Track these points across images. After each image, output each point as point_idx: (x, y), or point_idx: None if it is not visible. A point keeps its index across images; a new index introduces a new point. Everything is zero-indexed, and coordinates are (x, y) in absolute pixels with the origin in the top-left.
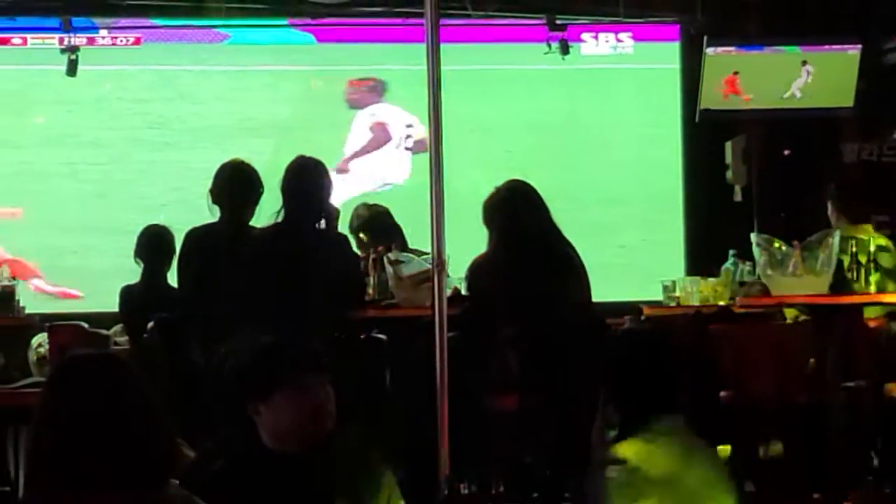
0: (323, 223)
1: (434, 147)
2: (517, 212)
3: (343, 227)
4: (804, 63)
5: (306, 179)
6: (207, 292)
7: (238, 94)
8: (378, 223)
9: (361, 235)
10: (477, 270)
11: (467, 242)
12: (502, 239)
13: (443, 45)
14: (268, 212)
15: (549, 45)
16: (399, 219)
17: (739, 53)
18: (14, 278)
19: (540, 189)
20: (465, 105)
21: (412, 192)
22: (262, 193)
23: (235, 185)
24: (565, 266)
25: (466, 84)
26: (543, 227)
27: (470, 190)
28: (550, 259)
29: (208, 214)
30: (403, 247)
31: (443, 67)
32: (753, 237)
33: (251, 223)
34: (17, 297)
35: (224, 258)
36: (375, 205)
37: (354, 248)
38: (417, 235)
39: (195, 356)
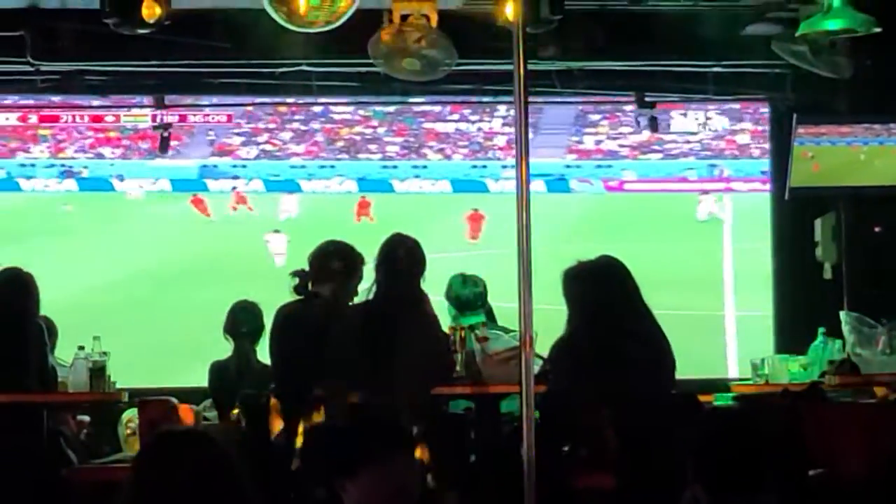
0: (412, 301)
1: (523, 228)
2: (601, 288)
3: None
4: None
5: (400, 258)
6: (296, 369)
7: None
8: (468, 297)
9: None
10: (559, 352)
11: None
12: (583, 317)
13: None
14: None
15: (638, 122)
16: None
17: (829, 132)
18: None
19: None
20: None
21: None
22: (354, 271)
23: (330, 263)
24: (651, 345)
25: None
26: (627, 304)
27: None
28: (633, 338)
29: None
30: (491, 321)
31: None
32: (842, 315)
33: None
34: (107, 372)
35: (313, 336)
36: (472, 276)
37: (443, 326)
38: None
39: (277, 434)
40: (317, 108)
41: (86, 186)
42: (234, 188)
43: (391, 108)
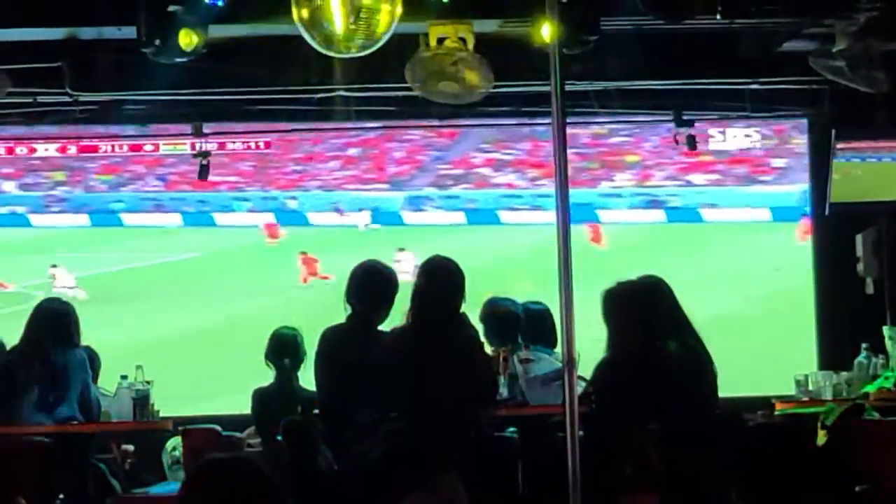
0: (453, 324)
1: (563, 250)
2: (642, 308)
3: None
4: None
5: (439, 280)
6: (339, 394)
7: None
8: (503, 322)
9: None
10: (602, 373)
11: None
12: (623, 337)
13: None
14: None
15: (676, 140)
16: None
17: (868, 147)
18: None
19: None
20: None
21: None
22: (394, 294)
23: (367, 285)
24: (693, 364)
25: None
26: (668, 323)
27: None
28: (674, 357)
29: None
30: (535, 342)
31: None
32: (886, 330)
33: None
34: (151, 401)
35: (352, 360)
36: (504, 300)
37: (486, 348)
38: None
39: (321, 459)
40: None
41: (675, 217)
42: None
43: None
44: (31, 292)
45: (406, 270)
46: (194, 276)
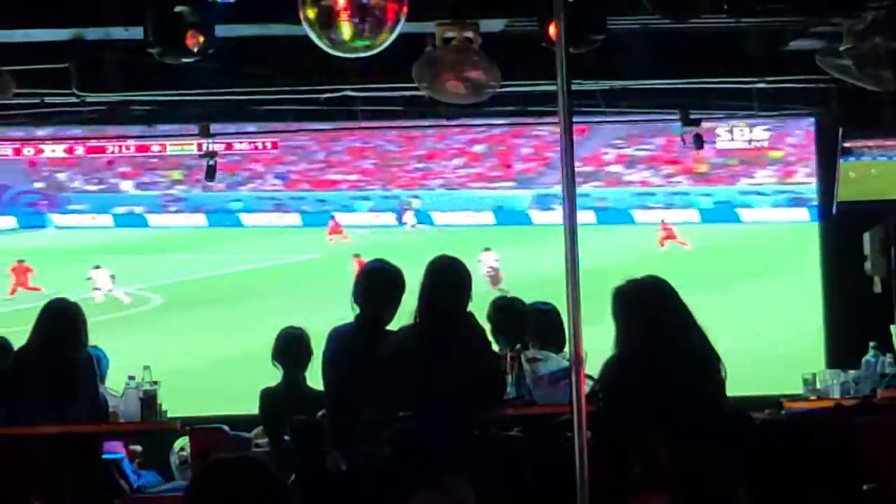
0: (461, 323)
1: (569, 244)
2: (648, 307)
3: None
4: None
5: (446, 279)
6: (345, 394)
7: None
8: (511, 321)
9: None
10: (609, 371)
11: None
12: (632, 335)
13: None
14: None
15: (683, 140)
16: None
17: (876, 145)
18: None
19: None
20: None
21: None
22: (401, 294)
23: (374, 285)
24: (700, 362)
25: None
26: (675, 321)
27: None
28: (682, 355)
29: None
30: (544, 342)
31: None
32: (893, 329)
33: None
34: (159, 401)
35: (359, 359)
36: (511, 299)
37: (493, 345)
38: None
39: (329, 458)
40: None
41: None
42: None
43: None
44: (147, 294)
45: (485, 272)
46: (313, 277)
